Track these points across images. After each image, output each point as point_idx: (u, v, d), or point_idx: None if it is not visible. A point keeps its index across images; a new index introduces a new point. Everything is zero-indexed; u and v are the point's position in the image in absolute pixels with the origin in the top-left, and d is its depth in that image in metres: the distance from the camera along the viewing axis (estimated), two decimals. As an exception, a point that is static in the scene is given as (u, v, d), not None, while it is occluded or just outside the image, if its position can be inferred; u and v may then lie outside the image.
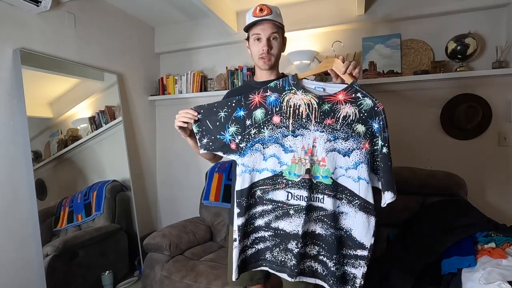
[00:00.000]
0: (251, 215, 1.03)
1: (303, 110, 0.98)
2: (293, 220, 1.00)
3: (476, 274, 1.11)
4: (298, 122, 0.99)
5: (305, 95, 0.99)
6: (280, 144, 1.00)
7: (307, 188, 0.98)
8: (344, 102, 0.97)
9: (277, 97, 1.01)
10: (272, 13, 1.11)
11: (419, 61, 2.07)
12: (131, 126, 2.56)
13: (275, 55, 1.16)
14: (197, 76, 2.56)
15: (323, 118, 0.97)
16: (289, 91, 1.01)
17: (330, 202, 0.97)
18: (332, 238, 0.98)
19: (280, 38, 1.16)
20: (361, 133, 0.95)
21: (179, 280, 1.68)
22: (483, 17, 1.94)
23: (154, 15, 2.57)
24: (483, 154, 1.95)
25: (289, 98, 1.00)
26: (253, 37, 1.15)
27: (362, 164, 0.95)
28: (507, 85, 1.88)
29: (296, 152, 0.99)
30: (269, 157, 1.00)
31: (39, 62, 1.84)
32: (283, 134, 1.00)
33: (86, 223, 2.07)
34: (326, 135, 0.97)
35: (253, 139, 1.01)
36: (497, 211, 1.89)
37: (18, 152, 1.73)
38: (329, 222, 0.98)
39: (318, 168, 0.98)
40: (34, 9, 1.75)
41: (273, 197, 1.01)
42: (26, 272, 1.72)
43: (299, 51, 2.23)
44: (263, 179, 1.01)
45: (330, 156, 0.97)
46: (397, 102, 2.12)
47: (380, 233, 1.80)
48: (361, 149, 0.95)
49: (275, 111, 1.00)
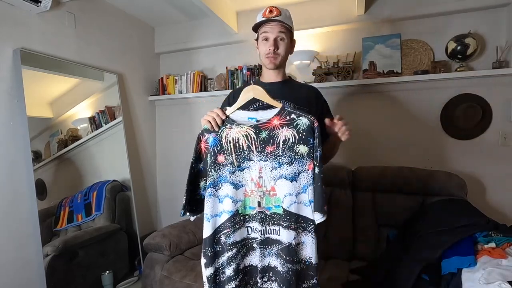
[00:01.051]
0: (220, 263, 0.99)
1: (242, 142, 0.97)
2: (256, 253, 0.99)
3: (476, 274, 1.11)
4: (241, 155, 0.98)
5: (241, 128, 0.98)
6: (230, 182, 0.98)
7: (259, 220, 0.97)
8: (280, 126, 0.96)
9: (214, 136, 0.99)
10: (281, 15, 1.13)
11: (419, 61, 2.07)
12: (131, 126, 2.56)
13: (281, 55, 1.18)
14: (197, 76, 2.56)
15: (263, 147, 0.96)
16: (224, 127, 1.00)
17: (285, 233, 0.94)
18: (289, 274, 0.93)
19: (287, 40, 1.18)
20: (305, 154, 0.94)
21: (179, 280, 1.68)
22: (483, 17, 1.94)
23: (154, 15, 2.57)
24: (483, 154, 1.95)
25: (227, 134, 0.99)
26: (261, 37, 1.18)
27: (311, 186, 0.94)
28: (507, 85, 1.88)
29: (246, 185, 0.98)
30: (224, 198, 0.99)
31: (39, 62, 1.84)
32: (230, 171, 0.98)
33: (86, 223, 2.07)
34: (270, 163, 0.96)
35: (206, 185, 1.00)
36: (497, 211, 1.89)
37: (18, 152, 1.73)
38: (286, 257, 0.94)
39: (269, 199, 0.97)
40: (34, 9, 1.75)
41: (235, 239, 0.98)
42: (26, 272, 1.72)
43: (299, 51, 2.23)
44: (223, 222, 0.99)
45: (278, 183, 0.95)
46: (397, 102, 2.12)
47: (380, 233, 1.81)
48: (307, 171, 0.94)
49: (217, 150, 0.99)
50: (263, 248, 0.97)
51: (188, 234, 1.97)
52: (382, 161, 2.03)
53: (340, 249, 1.80)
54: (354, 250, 1.81)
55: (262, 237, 0.97)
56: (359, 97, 2.20)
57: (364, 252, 1.78)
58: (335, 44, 2.28)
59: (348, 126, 1.04)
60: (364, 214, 1.84)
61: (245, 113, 1.02)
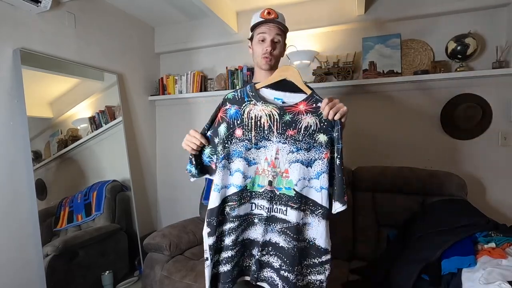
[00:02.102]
0: (220, 232, 1.03)
1: (264, 121, 0.98)
2: (257, 228, 1.03)
3: (476, 274, 1.11)
4: (260, 134, 0.99)
5: (266, 106, 0.98)
6: (244, 158, 0.99)
7: (268, 199, 1.00)
8: (305, 112, 0.97)
9: (237, 109, 1.00)
10: (278, 17, 1.17)
11: (419, 61, 2.07)
12: (131, 126, 2.56)
13: (276, 56, 1.21)
14: (197, 76, 2.56)
15: (285, 129, 0.97)
16: (248, 102, 1.00)
17: (294, 214, 0.97)
18: (294, 250, 0.98)
19: (282, 42, 1.22)
20: (323, 143, 0.96)
21: (179, 280, 1.68)
22: (483, 17, 1.94)
23: (154, 15, 2.57)
24: (483, 154, 1.95)
25: (250, 110, 0.99)
26: (258, 37, 1.19)
27: (324, 174, 0.95)
28: (507, 85, 1.88)
29: (259, 164, 1.00)
30: (235, 172, 1.01)
31: (39, 62, 1.84)
32: (246, 147, 0.99)
33: (86, 223, 2.07)
34: (288, 146, 0.97)
35: (221, 156, 1.00)
36: (497, 211, 1.89)
37: (18, 152, 1.73)
38: (292, 235, 0.97)
39: (281, 180, 0.99)
40: (34, 9, 1.75)
41: (239, 213, 1.01)
42: (26, 272, 1.72)
43: (299, 51, 2.23)
44: (230, 195, 1.01)
45: (293, 167, 0.97)
46: (397, 102, 2.12)
47: (380, 233, 1.81)
48: (322, 159, 0.96)
49: (237, 124, 0.99)
50: (267, 225, 1.01)
51: (188, 234, 1.97)
52: (382, 161, 2.03)
53: (340, 249, 1.79)
54: (354, 250, 1.81)
55: (268, 214, 1.00)
56: (359, 97, 2.20)
57: (364, 252, 1.78)
58: (335, 44, 2.27)
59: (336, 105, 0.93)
60: (364, 214, 1.84)
61: (272, 92, 1.01)
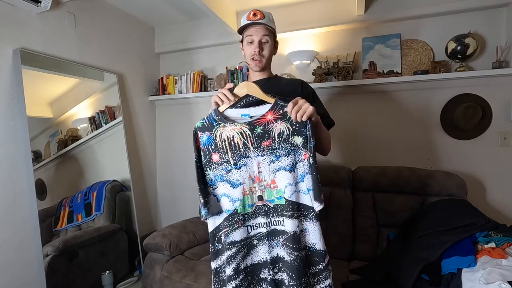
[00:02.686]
0: (221, 262, 1.01)
1: (238, 140, 0.98)
2: (260, 249, 1.00)
3: (476, 274, 1.11)
4: (237, 153, 0.98)
5: (235, 125, 0.98)
6: (227, 181, 0.99)
7: (263, 214, 0.99)
8: (274, 120, 0.97)
9: (208, 135, 0.99)
10: (264, 18, 1.17)
11: (419, 61, 2.07)
12: (131, 126, 2.56)
13: (266, 57, 1.22)
14: (197, 76, 2.56)
15: (259, 142, 0.97)
16: (218, 126, 0.99)
17: (289, 223, 0.96)
18: (297, 262, 0.95)
19: (271, 42, 1.23)
20: (300, 145, 0.95)
21: (179, 280, 1.68)
22: (483, 17, 1.94)
23: (154, 15, 2.57)
24: (483, 154, 1.95)
25: (221, 133, 0.99)
26: (246, 40, 1.22)
27: (308, 175, 0.95)
28: (507, 85, 1.88)
29: (244, 184, 0.98)
30: (221, 197, 1.00)
31: (39, 62, 1.84)
32: (226, 169, 0.99)
33: (86, 223, 2.07)
34: (268, 157, 0.97)
35: None
36: (497, 211, 1.89)
37: (18, 152, 1.73)
38: (291, 245, 0.96)
39: (270, 192, 0.98)
40: (34, 9, 1.75)
41: (235, 238, 0.98)
42: (26, 272, 1.72)
43: (299, 51, 2.23)
44: (222, 221, 1.00)
45: (278, 175, 0.97)
46: (397, 102, 2.12)
47: (380, 233, 1.81)
48: (303, 161, 0.95)
49: (212, 149, 0.99)
50: (270, 240, 0.99)
51: (188, 234, 1.97)
52: (382, 161, 2.03)
53: (340, 249, 1.80)
54: (354, 250, 1.81)
55: (268, 229, 0.99)
56: (359, 97, 2.20)
57: (364, 252, 1.78)
58: (335, 44, 2.28)
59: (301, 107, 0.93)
60: (364, 214, 1.84)
61: (237, 110, 1.02)
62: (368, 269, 1.61)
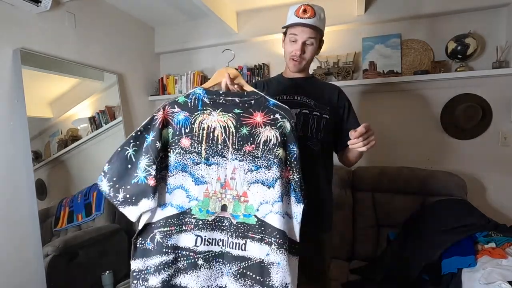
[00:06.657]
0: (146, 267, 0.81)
1: (218, 134, 0.83)
2: (202, 273, 0.80)
3: (476, 274, 1.11)
4: (212, 148, 0.83)
5: (222, 116, 0.83)
6: (189, 173, 0.82)
7: (222, 229, 0.81)
8: (263, 124, 0.83)
9: (187, 116, 0.83)
10: (315, 16, 1.05)
11: (419, 61, 2.07)
12: (131, 126, 2.56)
13: (306, 59, 1.13)
14: (197, 76, 2.56)
15: (242, 144, 0.82)
16: (202, 111, 0.84)
17: (255, 248, 0.79)
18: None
19: (316, 44, 1.11)
20: (283, 159, 0.81)
21: (179, 280, 1.67)
22: (483, 17, 1.94)
23: (154, 15, 2.57)
24: (483, 154, 1.95)
25: (202, 119, 0.83)
26: (289, 37, 1.10)
27: (285, 197, 0.81)
28: (507, 85, 1.88)
29: (210, 184, 0.82)
30: (175, 189, 0.82)
31: (39, 62, 1.84)
32: (194, 161, 0.82)
33: (86, 223, 2.06)
34: (246, 164, 0.82)
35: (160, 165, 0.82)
36: (497, 211, 1.89)
37: (18, 152, 1.72)
38: (255, 276, 0.78)
39: (238, 206, 0.81)
40: (34, 9, 1.75)
41: (177, 243, 0.80)
42: (26, 272, 1.72)
43: (299, 51, 2.23)
44: (165, 217, 0.81)
45: (252, 189, 0.81)
46: (397, 102, 2.12)
47: (380, 233, 1.81)
48: (282, 178, 0.81)
49: (184, 132, 0.83)
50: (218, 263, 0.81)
51: (188, 234, 1.97)
52: (382, 161, 2.03)
53: (340, 249, 1.80)
54: (354, 250, 1.81)
55: (218, 248, 0.81)
56: (359, 97, 2.20)
57: (364, 252, 1.78)
58: (335, 44, 2.27)
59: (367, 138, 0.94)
60: (364, 214, 1.84)
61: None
62: (368, 269, 1.61)
